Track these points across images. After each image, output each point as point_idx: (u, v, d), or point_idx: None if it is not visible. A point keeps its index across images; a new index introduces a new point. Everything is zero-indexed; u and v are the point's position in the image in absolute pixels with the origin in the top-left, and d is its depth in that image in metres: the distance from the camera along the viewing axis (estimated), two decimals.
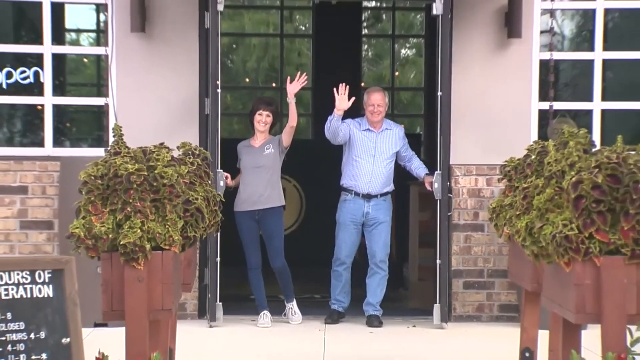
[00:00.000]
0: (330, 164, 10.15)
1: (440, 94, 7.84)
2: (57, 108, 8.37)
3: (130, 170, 4.56)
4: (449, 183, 7.96)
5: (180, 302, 7.29)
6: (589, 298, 4.30)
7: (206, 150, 5.57)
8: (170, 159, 4.90)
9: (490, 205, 5.97)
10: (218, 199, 5.43)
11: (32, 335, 3.90)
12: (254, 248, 8.07)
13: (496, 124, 8.21)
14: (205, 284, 8.07)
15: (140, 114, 8.06)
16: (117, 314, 4.53)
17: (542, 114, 8.31)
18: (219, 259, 7.84)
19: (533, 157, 5.51)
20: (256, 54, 14.77)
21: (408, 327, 7.91)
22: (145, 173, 4.60)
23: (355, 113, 8.54)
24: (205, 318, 8.04)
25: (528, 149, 5.68)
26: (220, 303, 7.88)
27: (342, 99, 7.83)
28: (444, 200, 7.88)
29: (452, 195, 8.07)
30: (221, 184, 7.79)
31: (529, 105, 8.29)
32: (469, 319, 8.22)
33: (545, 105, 8.28)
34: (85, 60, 9.31)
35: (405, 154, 8.16)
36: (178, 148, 5.47)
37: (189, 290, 5.89)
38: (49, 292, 3.98)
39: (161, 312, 4.61)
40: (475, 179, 8.27)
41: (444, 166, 7.86)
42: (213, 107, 7.81)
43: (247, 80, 14.69)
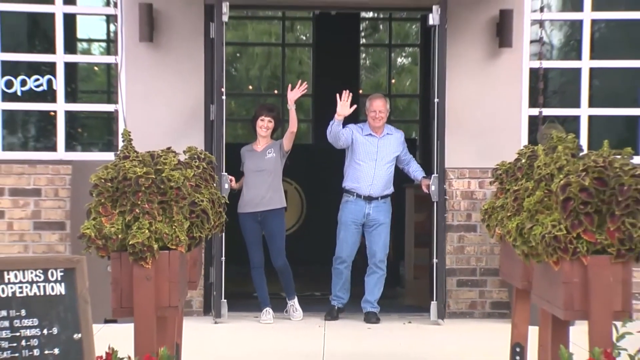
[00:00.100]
0: (330, 167, 10.16)
1: (437, 100, 7.84)
2: (69, 114, 8.38)
3: (138, 174, 4.56)
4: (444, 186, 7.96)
5: (186, 300, 7.29)
6: (577, 295, 4.30)
7: (211, 155, 5.57)
8: (177, 162, 4.90)
9: (483, 206, 5.97)
10: (223, 201, 5.43)
11: (45, 331, 3.89)
12: (257, 248, 8.07)
13: (488, 129, 8.21)
14: (211, 282, 8.07)
15: (148, 119, 8.07)
16: (126, 310, 4.53)
17: (532, 119, 8.31)
18: (223, 258, 7.85)
19: (523, 161, 5.51)
20: (259, 62, 14.77)
21: (404, 324, 7.91)
22: (153, 176, 4.60)
23: (354, 119, 8.54)
24: (210, 314, 8.04)
25: (518, 153, 5.68)
26: (225, 300, 7.88)
27: (344, 105, 7.84)
28: (440, 202, 7.88)
29: (447, 197, 8.07)
30: (226, 186, 7.79)
31: (519, 111, 8.29)
32: (462, 315, 8.22)
33: (535, 111, 8.28)
34: (95, 68, 9.31)
35: (404, 157, 8.17)
36: (184, 152, 5.47)
37: (195, 288, 5.87)
38: (61, 290, 3.98)
39: (168, 309, 4.61)
40: (469, 181, 8.27)
41: (440, 170, 7.86)
42: (218, 113, 7.80)
43: (251, 87, 14.70)
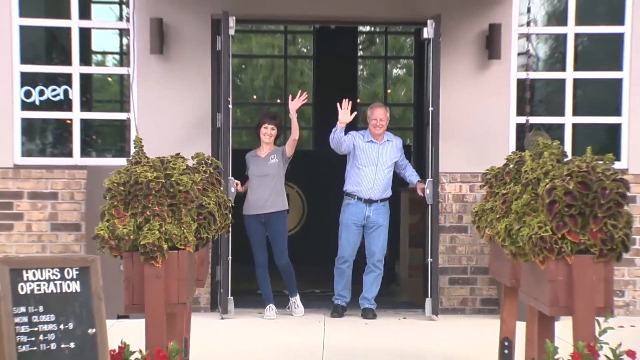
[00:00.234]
0: (329, 172, 10.17)
1: (431, 109, 7.84)
2: (84, 122, 8.37)
3: (149, 178, 4.56)
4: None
5: (194, 297, 7.28)
6: (562, 293, 4.29)
7: (217, 160, 5.56)
8: (185, 167, 4.90)
9: (473, 209, 5.97)
10: (228, 204, 5.43)
11: (62, 326, 3.89)
12: (261, 248, 8.06)
13: (478, 136, 8.21)
14: (217, 280, 8.06)
15: (159, 127, 8.06)
16: (138, 307, 4.53)
17: (520, 127, 8.31)
18: (230, 257, 7.84)
19: (511, 166, 5.51)
20: (263, 73, 14.77)
21: (399, 319, 7.90)
22: (163, 180, 4.60)
23: (352, 127, 8.53)
24: (216, 311, 8.03)
25: (507, 159, 5.67)
26: (231, 297, 7.87)
27: (345, 113, 7.85)
28: (435, 204, 7.87)
29: (440, 200, 8.07)
30: (232, 190, 7.79)
31: (507, 119, 8.28)
32: (454, 311, 8.21)
33: (522, 119, 8.28)
34: (109, 79, 9.32)
35: (401, 162, 8.17)
36: (192, 158, 5.46)
37: (202, 286, 5.86)
38: (76, 288, 3.98)
39: (177, 306, 4.61)
40: (460, 185, 8.26)
41: (435, 174, 7.86)
42: (225, 121, 7.80)
43: (255, 97, 14.68)
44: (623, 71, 8.35)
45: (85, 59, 8.49)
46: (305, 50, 14.73)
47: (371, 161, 7.98)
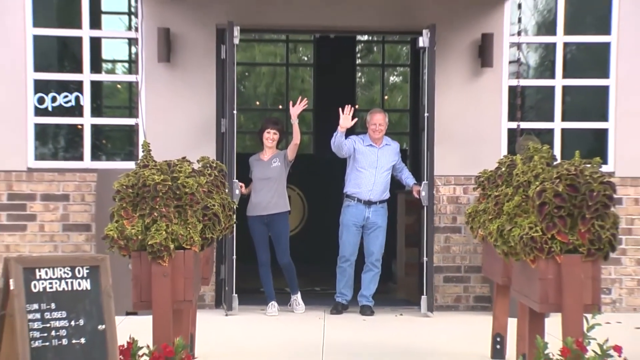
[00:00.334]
0: (328, 175, 10.18)
1: (426, 115, 7.83)
2: (95, 127, 8.37)
3: (157, 181, 4.56)
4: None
5: (199, 294, 7.28)
6: (551, 290, 4.29)
7: (222, 163, 5.56)
8: (191, 170, 4.90)
9: (467, 210, 5.97)
10: (232, 205, 5.43)
11: (73, 323, 3.89)
12: (264, 247, 8.05)
13: (471, 141, 8.20)
14: (221, 278, 8.05)
15: (166, 132, 8.06)
16: (146, 304, 4.53)
17: (511, 132, 8.30)
18: (234, 256, 7.82)
19: (503, 169, 5.51)
20: (265, 80, 14.78)
21: (396, 316, 7.89)
22: (170, 183, 4.60)
23: (350, 131, 8.52)
24: (221, 308, 8.02)
25: (499, 162, 5.68)
26: (236, 295, 7.85)
27: (346, 119, 7.84)
28: (429, 206, 7.87)
29: (435, 202, 8.06)
30: (237, 192, 7.78)
31: (499, 124, 8.28)
32: (448, 308, 8.20)
33: (514, 124, 8.27)
34: (118, 86, 9.30)
35: (398, 166, 8.15)
36: (198, 161, 5.47)
37: (207, 284, 5.87)
38: (87, 286, 3.97)
39: (183, 303, 4.61)
40: (454, 188, 8.26)
41: (430, 177, 7.85)
42: (230, 127, 7.80)
43: (258, 103, 14.69)
44: (610, 78, 8.35)
45: (96, 67, 8.49)
46: (306, 58, 14.74)
47: (371, 164, 7.97)
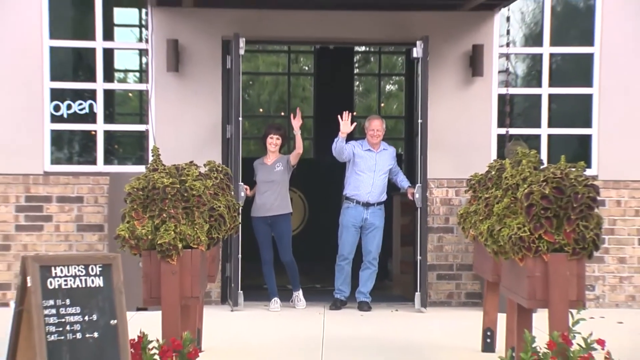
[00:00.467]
0: (328, 178, 10.17)
1: (420, 121, 7.82)
2: (107, 133, 8.37)
3: (165, 184, 4.56)
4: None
5: (206, 291, 7.28)
6: (539, 287, 4.29)
7: (227, 167, 5.56)
8: (198, 174, 4.90)
9: (459, 212, 5.97)
10: (237, 207, 5.42)
11: (86, 318, 3.88)
12: (267, 246, 8.04)
13: (463, 146, 8.20)
14: (227, 275, 8.04)
15: (174, 137, 8.05)
16: (155, 300, 4.53)
17: (500, 137, 8.30)
18: (240, 255, 7.81)
19: (493, 173, 5.50)
20: (268, 89, 14.77)
21: (392, 311, 7.88)
22: (178, 186, 4.60)
23: (348, 137, 8.52)
24: (226, 304, 8.01)
25: (489, 166, 5.67)
26: (241, 291, 7.84)
27: (346, 124, 7.84)
28: (423, 207, 7.86)
29: (428, 204, 8.06)
30: (242, 194, 7.78)
31: (489, 130, 8.28)
32: (441, 304, 8.19)
33: (503, 130, 8.28)
34: (130, 94, 9.30)
35: (394, 169, 8.15)
36: (204, 165, 5.46)
37: (214, 281, 5.86)
38: (99, 283, 3.97)
39: (191, 299, 4.61)
40: (446, 190, 8.25)
41: (424, 180, 7.85)
42: (235, 133, 7.79)
43: (261, 110, 14.68)
44: (593, 87, 8.35)
45: (109, 76, 8.49)
46: (307, 68, 14.73)
47: (369, 168, 7.97)
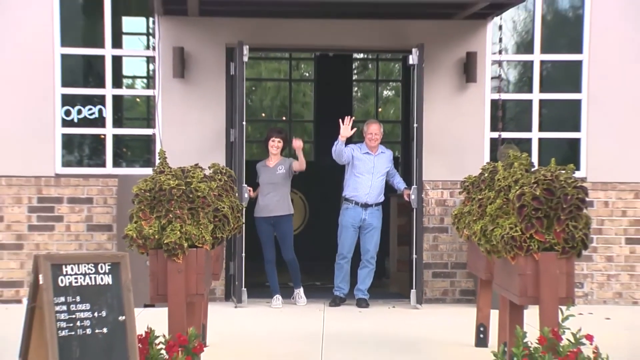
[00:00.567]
0: (328, 181, 10.16)
1: (415, 125, 7.83)
2: (116, 137, 8.37)
3: (172, 185, 4.56)
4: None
5: (210, 288, 7.27)
6: (530, 285, 4.29)
7: (231, 169, 5.56)
8: (203, 176, 4.90)
9: (453, 212, 5.97)
10: (240, 208, 5.42)
11: (96, 314, 3.88)
12: (270, 245, 8.04)
13: (457, 149, 8.20)
14: (231, 274, 8.04)
15: (180, 141, 8.06)
16: (162, 297, 4.53)
17: (493, 141, 8.31)
18: (243, 254, 7.81)
19: (486, 175, 5.50)
20: (270, 94, 14.76)
21: (389, 308, 7.88)
22: (184, 187, 4.60)
23: (347, 140, 8.52)
24: (230, 301, 8.01)
25: (482, 169, 5.67)
26: (245, 289, 7.83)
27: (346, 129, 7.84)
28: (419, 208, 7.86)
29: (424, 205, 8.05)
30: (246, 195, 7.78)
31: (482, 134, 8.28)
32: (436, 301, 8.19)
33: (495, 134, 8.28)
34: (137, 99, 9.29)
35: (391, 172, 8.15)
36: (209, 168, 5.47)
37: (218, 279, 5.86)
38: (108, 281, 3.97)
39: (196, 296, 4.61)
40: (441, 192, 8.25)
41: (419, 182, 7.85)
42: (239, 137, 7.78)
43: (264, 114, 14.67)
44: (582, 93, 8.36)
45: (117, 82, 8.49)
46: (307, 74, 14.73)
47: (367, 170, 7.97)
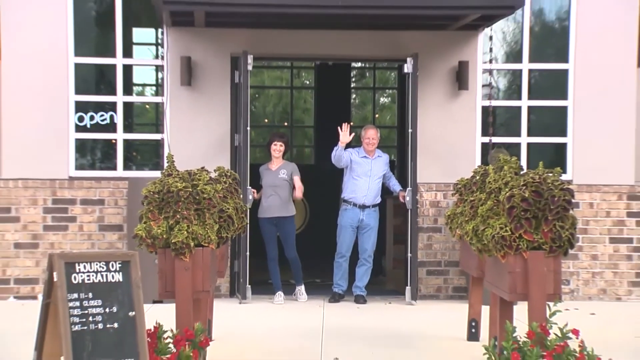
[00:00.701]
0: (327, 183, 10.16)
1: (410, 130, 7.83)
2: (126, 142, 8.37)
3: (179, 187, 4.56)
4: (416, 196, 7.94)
5: (216, 285, 7.27)
6: (519, 282, 4.29)
7: (235, 172, 5.55)
8: (208, 178, 4.90)
9: (446, 213, 5.97)
10: (245, 209, 5.42)
11: (107, 310, 3.89)
12: (273, 245, 8.04)
13: (450, 153, 8.20)
14: (235, 271, 8.03)
15: (187, 145, 8.05)
16: (170, 294, 4.53)
17: (484, 145, 8.31)
18: (247, 252, 7.79)
19: (477, 178, 5.51)
20: (273, 101, 14.75)
21: (385, 304, 7.87)
22: (190, 189, 4.60)
23: (346, 145, 8.52)
24: (235, 297, 8.00)
25: (474, 172, 5.68)
26: (249, 286, 7.81)
27: (345, 134, 7.84)
28: (413, 209, 7.86)
29: (418, 206, 8.05)
30: (250, 197, 7.77)
31: (474, 139, 8.28)
32: (430, 297, 8.18)
33: (486, 139, 8.28)
34: (147, 106, 9.28)
35: (387, 174, 8.14)
36: (214, 171, 5.47)
37: (223, 277, 5.86)
38: (119, 278, 3.97)
39: (202, 293, 4.61)
40: (435, 193, 8.25)
41: (414, 184, 7.84)
42: (244, 142, 7.77)
43: (266, 120, 14.66)
44: (568, 100, 8.36)
45: (128, 90, 8.49)
46: (307, 82, 14.73)
47: (365, 173, 7.97)
